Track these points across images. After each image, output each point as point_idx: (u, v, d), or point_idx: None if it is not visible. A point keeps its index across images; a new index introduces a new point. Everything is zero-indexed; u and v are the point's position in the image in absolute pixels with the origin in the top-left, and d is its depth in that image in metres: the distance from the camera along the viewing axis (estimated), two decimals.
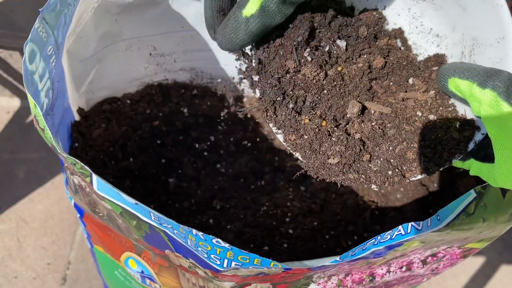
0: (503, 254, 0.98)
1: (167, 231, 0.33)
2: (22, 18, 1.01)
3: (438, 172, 0.61)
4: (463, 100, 0.31)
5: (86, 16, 0.46)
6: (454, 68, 0.32)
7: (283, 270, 0.35)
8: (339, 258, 0.33)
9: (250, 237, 0.53)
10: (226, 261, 0.33)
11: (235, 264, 0.33)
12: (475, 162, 0.33)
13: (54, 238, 0.88)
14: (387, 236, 0.33)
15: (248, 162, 0.66)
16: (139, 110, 0.63)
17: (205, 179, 0.62)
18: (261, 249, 0.52)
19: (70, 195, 0.48)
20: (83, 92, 0.56)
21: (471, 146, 0.33)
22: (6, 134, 0.99)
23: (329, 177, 0.34)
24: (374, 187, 0.34)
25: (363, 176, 0.34)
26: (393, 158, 0.34)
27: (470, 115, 0.33)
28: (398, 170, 0.33)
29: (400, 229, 0.33)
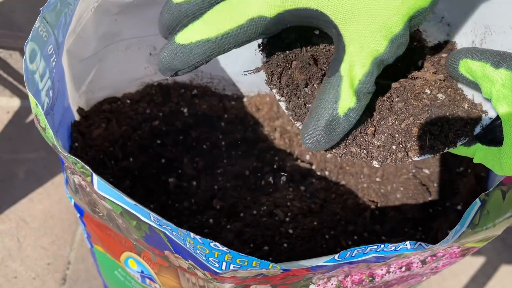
0: (503, 254, 0.98)
1: (167, 232, 0.33)
2: (22, 18, 1.01)
3: (438, 172, 0.61)
4: (473, 84, 0.31)
5: (86, 15, 0.46)
6: (466, 50, 0.31)
7: (282, 271, 0.35)
8: (337, 257, 0.33)
9: (250, 237, 0.53)
10: (224, 263, 0.33)
11: (234, 266, 0.33)
12: (481, 147, 0.33)
13: (54, 238, 0.88)
14: (392, 247, 0.33)
15: (248, 162, 0.66)
16: (139, 110, 0.63)
17: (205, 179, 0.62)
18: (261, 249, 0.52)
19: (70, 195, 0.48)
20: (83, 92, 0.56)
21: (478, 130, 0.32)
22: (6, 134, 0.99)
23: (330, 149, 0.33)
24: (375, 163, 0.33)
25: (365, 151, 0.33)
26: (398, 133, 0.33)
27: (478, 100, 0.33)
28: (402, 146, 0.33)
29: (407, 244, 0.33)
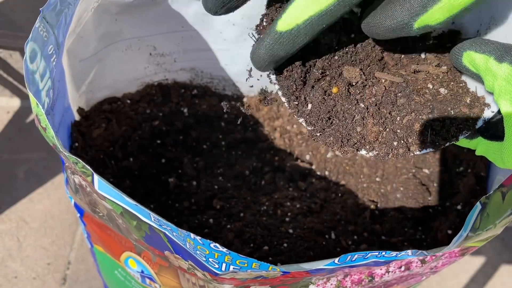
0: (503, 254, 0.98)
1: (167, 233, 0.33)
2: (22, 18, 1.01)
3: (438, 171, 0.61)
4: (476, 76, 0.31)
5: (86, 15, 0.46)
6: (470, 42, 0.31)
7: (282, 273, 0.35)
8: (338, 261, 0.33)
9: (250, 236, 0.53)
10: (224, 265, 0.33)
11: (233, 268, 0.33)
12: (483, 141, 0.33)
13: (54, 238, 0.88)
14: (393, 253, 0.33)
15: (248, 162, 0.66)
16: (139, 110, 0.63)
17: (205, 179, 0.62)
18: (261, 248, 0.52)
19: (70, 195, 0.48)
20: (83, 92, 0.56)
21: (480, 124, 0.32)
22: (6, 134, 0.99)
23: (332, 145, 0.33)
24: (377, 159, 0.33)
25: (368, 146, 0.33)
26: (400, 129, 0.33)
27: (481, 93, 0.33)
28: (403, 141, 0.33)
29: (408, 252, 0.33)
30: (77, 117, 0.55)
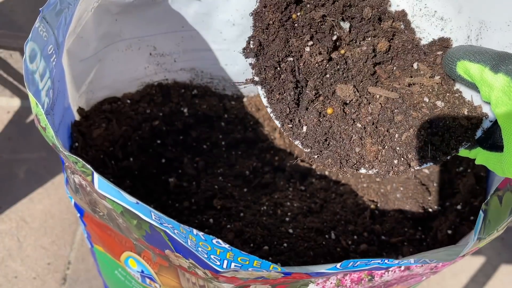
0: (503, 254, 0.98)
1: (168, 231, 0.33)
2: (22, 18, 1.01)
3: (438, 171, 0.61)
4: (470, 85, 0.30)
5: (86, 16, 0.46)
6: (463, 51, 0.30)
7: (283, 275, 0.35)
8: (339, 266, 0.33)
9: (250, 236, 0.53)
10: (226, 262, 0.33)
11: (235, 265, 0.33)
12: (482, 151, 0.32)
13: (54, 238, 0.88)
14: (395, 261, 0.33)
15: (248, 162, 0.66)
16: (139, 110, 0.63)
17: (205, 179, 0.62)
18: (261, 248, 0.52)
19: (70, 195, 0.48)
20: (83, 92, 0.56)
21: (479, 134, 0.32)
22: (6, 134, 0.99)
23: (331, 166, 0.33)
24: (377, 177, 0.33)
25: (367, 165, 0.33)
26: (399, 146, 0.33)
27: (477, 101, 0.32)
28: (403, 158, 0.32)
29: (411, 260, 0.33)
30: (77, 117, 0.55)
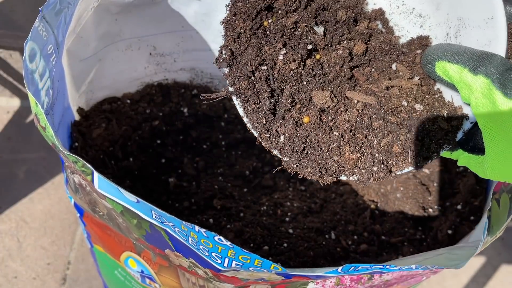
0: (503, 254, 0.98)
1: (168, 230, 0.33)
2: (22, 18, 1.01)
3: (438, 171, 0.61)
4: (451, 85, 0.29)
5: (86, 15, 0.46)
6: (442, 50, 0.29)
7: (284, 277, 0.35)
8: (340, 270, 0.32)
9: (250, 236, 0.53)
10: (227, 260, 0.33)
11: (236, 264, 0.33)
12: (464, 153, 0.32)
13: (54, 238, 0.88)
14: (397, 266, 0.33)
15: (248, 162, 0.66)
16: (139, 110, 0.63)
17: (205, 179, 0.62)
18: (261, 248, 0.52)
19: (70, 195, 0.48)
20: (83, 91, 0.56)
21: (460, 136, 0.31)
22: (6, 134, 0.99)
23: (310, 175, 0.32)
24: (358, 184, 0.33)
25: (348, 172, 0.32)
26: (378, 153, 0.32)
27: (457, 102, 0.31)
28: (383, 165, 0.32)
29: (412, 266, 0.33)
30: (77, 117, 0.55)
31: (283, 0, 0.31)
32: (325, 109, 0.33)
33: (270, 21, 0.32)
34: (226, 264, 0.33)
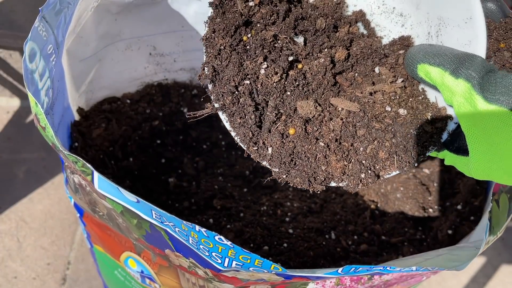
0: (503, 254, 0.98)
1: (168, 230, 0.33)
2: (22, 18, 1.01)
3: (438, 171, 0.61)
4: (434, 86, 0.30)
5: (86, 15, 0.46)
6: (423, 52, 0.29)
7: (284, 278, 0.35)
8: (341, 271, 0.33)
9: (250, 236, 0.53)
10: (227, 260, 0.33)
11: (236, 264, 0.33)
12: (450, 153, 0.32)
13: (54, 238, 0.88)
14: (397, 268, 0.33)
15: (248, 162, 0.66)
16: (139, 110, 0.63)
17: (205, 179, 0.62)
18: (261, 248, 0.52)
19: (70, 195, 0.48)
20: (83, 91, 0.56)
21: (445, 137, 0.32)
22: (6, 134, 0.99)
23: (300, 185, 0.32)
24: (348, 190, 0.33)
25: (336, 179, 0.33)
26: (365, 159, 0.32)
27: (441, 103, 0.32)
28: (371, 171, 0.32)
29: (413, 267, 0.33)
30: (77, 117, 0.55)
31: (261, 14, 0.31)
32: (310, 118, 0.33)
33: (249, 35, 0.32)
34: (226, 264, 0.33)
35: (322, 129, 0.33)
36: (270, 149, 0.32)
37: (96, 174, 0.32)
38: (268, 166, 0.33)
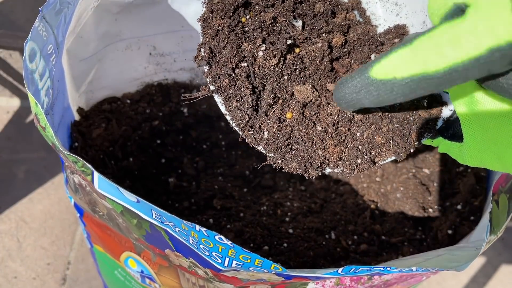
0: (503, 254, 0.98)
1: (168, 230, 0.33)
2: (22, 18, 1.01)
3: (438, 171, 0.61)
4: None
5: (86, 15, 0.46)
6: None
7: (284, 278, 0.35)
8: (341, 271, 0.33)
9: (250, 236, 0.53)
10: (227, 259, 0.33)
11: (236, 263, 0.33)
12: (444, 140, 0.32)
13: (54, 238, 0.88)
14: (398, 268, 0.33)
15: (248, 162, 0.66)
16: (139, 110, 0.63)
17: (205, 179, 0.62)
18: (261, 248, 0.52)
19: (70, 195, 0.48)
20: (83, 91, 0.56)
21: (440, 123, 0.32)
22: (6, 134, 0.99)
23: (296, 170, 0.32)
24: (343, 175, 0.33)
25: (332, 164, 0.32)
26: (361, 144, 0.32)
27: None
28: (367, 156, 0.32)
29: (413, 268, 0.33)
30: (77, 117, 0.55)
31: None
32: (307, 103, 0.33)
33: (248, 17, 0.32)
34: (226, 263, 0.33)
35: (319, 113, 0.33)
36: (266, 133, 0.32)
37: (96, 174, 0.32)
38: (263, 151, 0.32)
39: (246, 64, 0.31)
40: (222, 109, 0.32)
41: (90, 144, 0.55)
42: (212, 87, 0.31)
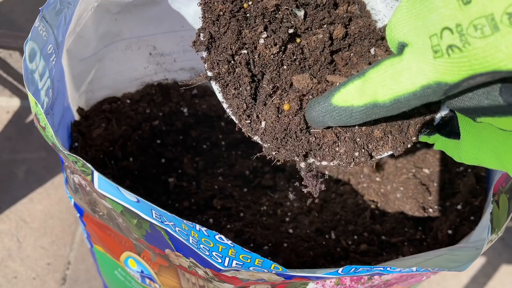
0: (503, 254, 0.98)
1: (168, 229, 0.33)
2: (22, 18, 1.01)
3: (438, 171, 0.61)
4: None
5: (86, 15, 0.46)
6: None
7: (284, 278, 0.35)
8: (341, 271, 0.32)
9: (250, 236, 0.53)
10: (227, 259, 0.33)
11: (236, 263, 0.33)
12: (441, 137, 0.32)
13: (54, 238, 0.88)
14: (398, 268, 0.33)
15: (248, 162, 0.66)
16: (139, 110, 0.63)
17: (205, 179, 0.62)
18: (261, 248, 0.52)
19: (70, 195, 0.48)
20: (83, 91, 0.56)
21: (438, 120, 0.32)
22: (6, 134, 0.99)
23: (291, 157, 0.32)
24: (339, 169, 0.32)
25: (329, 157, 0.32)
26: (359, 137, 0.32)
27: None
28: (364, 150, 0.32)
29: (413, 268, 0.33)
30: (77, 117, 0.55)
31: None
32: (305, 93, 0.32)
33: (250, 3, 0.31)
34: (226, 263, 0.33)
35: None
36: (263, 123, 0.31)
37: (96, 174, 0.32)
38: (259, 141, 0.32)
39: (246, 51, 0.31)
40: (219, 96, 0.31)
41: (90, 144, 0.55)
42: (210, 73, 0.31)
